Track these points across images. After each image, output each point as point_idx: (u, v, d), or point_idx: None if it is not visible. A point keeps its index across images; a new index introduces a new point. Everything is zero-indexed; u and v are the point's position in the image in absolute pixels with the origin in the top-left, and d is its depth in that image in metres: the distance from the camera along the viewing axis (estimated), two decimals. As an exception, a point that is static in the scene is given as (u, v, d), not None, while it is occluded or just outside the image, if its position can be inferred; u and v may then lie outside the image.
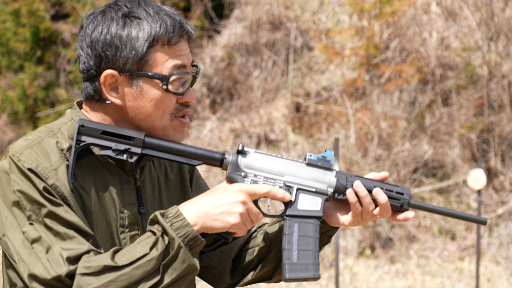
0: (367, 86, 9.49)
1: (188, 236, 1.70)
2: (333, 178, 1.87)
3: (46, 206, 1.71)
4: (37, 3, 10.47)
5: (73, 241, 1.70)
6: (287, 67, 10.23)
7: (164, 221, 1.70)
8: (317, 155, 1.87)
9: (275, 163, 1.84)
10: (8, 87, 10.85)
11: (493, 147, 9.01)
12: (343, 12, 10.53)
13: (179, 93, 1.82)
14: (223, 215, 1.74)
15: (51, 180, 1.73)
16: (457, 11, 10.14)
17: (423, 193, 8.96)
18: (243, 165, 1.83)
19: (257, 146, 9.42)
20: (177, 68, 1.82)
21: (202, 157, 1.84)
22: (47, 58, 10.90)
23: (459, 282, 7.56)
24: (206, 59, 10.48)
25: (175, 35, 1.80)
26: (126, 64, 1.79)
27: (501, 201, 8.78)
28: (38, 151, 1.76)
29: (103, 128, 1.79)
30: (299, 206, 1.85)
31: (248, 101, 9.87)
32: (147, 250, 1.69)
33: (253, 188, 1.79)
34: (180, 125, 1.86)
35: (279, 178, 1.84)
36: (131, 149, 1.79)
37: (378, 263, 8.20)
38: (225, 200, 1.75)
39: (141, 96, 1.81)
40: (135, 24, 1.79)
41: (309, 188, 1.85)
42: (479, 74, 9.45)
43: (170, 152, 1.82)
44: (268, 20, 10.50)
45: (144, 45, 1.78)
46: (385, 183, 1.90)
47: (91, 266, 1.67)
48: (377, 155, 8.91)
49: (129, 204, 1.85)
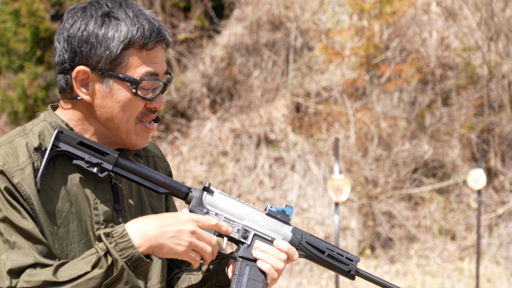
0: (367, 86, 9.49)
1: (132, 257, 1.71)
2: (289, 233, 1.93)
3: (1, 210, 1.72)
4: (37, 3, 10.47)
5: (20, 251, 1.71)
6: (287, 67, 10.23)
7: (107, 242, 1.71)
8: (277, 208, 1.95)
9: (237, 207, 1.90)
10: (8, 87, 10.85)
11: (493, 147, 9.01)
12: (343, 12, 10.52)
13: (148, 98, 1.84)
14: (170, 242, 1.75)
15: (17, 179, 1.74)
16: (457, 11, 10.14)
17: (423, 193, 8.97)
18: (206, 202, 1.87)
19: (257, 146, 9.42)
20: (149, 75, 1.83)
21: (169, 187, 1.87)
22: (47, 58, 10.90)
23: (459, 282, 7.56)
24: (206, 59, 10.48)
25: (152, 40, 1.82)
26: (99, 62, 1.81)
27: (501, 201, 8.78)
28: (7, 150, 1.78)
29: (80, 138, 1.81)
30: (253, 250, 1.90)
31: (248, 101, 9.87)
32: (89, 268, 1.70)
33: (202, 219, 1.80)
34: (144, 130, 1.87)
35: (238, 221, 1.89)
36: (103, 164, 1.82)
37: (378, 263, 8.20)
38: (174, 226, 1.76)
39: (109, 96, 1.82)
40: (113, 24, 1.80)
41: (266, 236, 1.91)
42: (479, 74, 9.45)
43: (140, 176, 1.85)
44: (268, 20, 10.49)
45: (119, 46, 1.80)
46: (337, 248, 1.97)
47: (31, 281, 1.68)
48: (377, 155, 8.91)
49: (104, 201, 1.86)
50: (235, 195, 9.00)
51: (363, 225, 8.58)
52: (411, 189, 8.93)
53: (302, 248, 1.93)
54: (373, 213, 8.59)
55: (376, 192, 8.71)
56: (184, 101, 10.24)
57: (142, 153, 2.03)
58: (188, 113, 10.28)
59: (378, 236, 8.55)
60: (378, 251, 8.41)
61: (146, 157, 2.04)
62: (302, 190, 8.98)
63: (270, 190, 9.01)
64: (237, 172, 9.13)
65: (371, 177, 8.77)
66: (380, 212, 8.64)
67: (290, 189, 9.01)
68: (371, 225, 8.54)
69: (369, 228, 8.53)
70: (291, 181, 9.05)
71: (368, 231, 8.52)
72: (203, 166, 9.27)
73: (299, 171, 9.11)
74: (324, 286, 7.62)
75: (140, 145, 1.88)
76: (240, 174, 9.12)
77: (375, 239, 8.51)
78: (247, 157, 9.26)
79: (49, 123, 1.86)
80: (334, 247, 1.97)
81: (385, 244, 8.52)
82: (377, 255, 8.37)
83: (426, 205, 8.90)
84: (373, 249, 8.47)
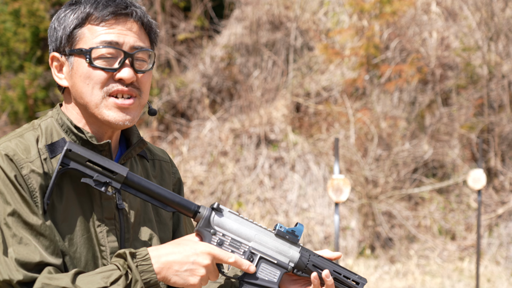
0: (367, 86, 9.49)
1: (150, 281, 1.74)
2: (296, 254, 1.91)
3: (11, 204, 1.73)
4: (37, 3, 10.47)
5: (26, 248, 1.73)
6: (287, 67, 10.23)
7: (131, 261, 1.74)
8: (287, 228, 1.92)
9: (245, 227, 1.88)
10: (8, 87, 10.85)
11: (493, 147, 9.01)
12: (343, 12, 10.52)
13: (107, 68, 1.83)
14: (185, 273, 1.78)
15: (25, 170, 1.76)
16: (457, 11, 10.14)
17: (423, 193, 8.96)
18: (214, 223, 1.86)
19: (257, 146, 9.42)
20: (106, 44, 1.83)
21: (177, 205, 1.87)
22: (47, 58, 10.90)
23: (459, 282, 7.56)
24: (206, 59, 10.48)
25: (108, 12, 1.83)
26: (61, 43, 1.85)
27: (501, 201, 8.78)
28: (17, 142, 1.80)
29: (89, 157, 1.80)
30: (258, 274, 1.89)
31: (248, 101, 9.87)
32: (107, 284, 1.72)
33: (221, 255, 1.82)
34: (114, 105, 1.85)
35: (245, 242, 1.88)
36: (112, 183, 1.81)
37: (378, 263, 8.19)
38: (191, 258, 1.79)
39: (74, 74, 1.85)
40: (74, 7, 1.86)
41: (272, 259, 1.89)
42: (479, 74, 9.44)
43: (148, 194, 1.85)
44: (268, 20, 10.49)
45: (73, 22, 1.83)
46: (344, 269, 1.96)
47: (51, 285, 1.69)
48: (377, 155, 8.91)
49: (106, 199, 1.87)
50: (235, 195, 9.00)
51: (363, 225, 8.58)
52: (411, 189, 8.93)
53: (308, 271, 1.91)
54: (373, 213, 8.59)
55: (376, 192, 8.71)
56: (184, 101, 10.24)
57: (148, 156, 2.03)
58: (188, 113, 10.28)
59: (378, 236, 8.55)
60: (378, 251, 8.41)
61: (152, 161, 2.04)
62: (302, 190, 8.98)
63: (270, 190, 9.01)
64: (237, 172, 9.13)
65: (371, 177, 8.77)
66: (380, 212, 8.64)
67: (290, 189, 9.01)
68: (371, 225, 8.53)
69: (369, 228, 8.53)
70: (291, 181, 9.05)
71: (368, 231, 8.52)
72: (203, 166, 9.27)
73: (299, 171, 9.11)
74: (324, 286, 7.62)
75: (116, 121, 1.85)
76: (240, 174, 9.12)
77: (375, 239, 8.51)
78: (247, 157, 9.26)
79: (55, 120, 1.88)
80: (342, 268, 1.96)
81: (385, 244, 8.52)
82: (377, 255, 8.37)
83: (426, 205, 8.90)
84: (373, 249, 8.47)
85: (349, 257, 8.30)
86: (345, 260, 8.18)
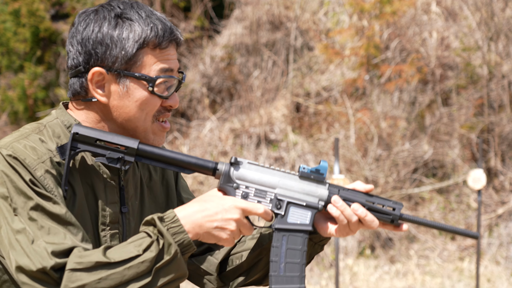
0: (367, 86, 9.49)
1: (183, 242, 1.72)
2: (325, 191, 1.88)
3: (33, 198, 1.72)
4: (37, 3, 10.47)
5: (56, 236, 1.70)
6: (287, 67, 10.23)
7: (161, 225, 1.71)
8: (310, 167, 1.89)
9: (267, 175, 1.86)
10: (8, 87, 10.85)
11: (493, 147, 9.01)
12: (343, 12, 10.52)
13: (164, 96, 1.85)
14: (216, 230, 1.77)
15: (39, 172, 1.75)
16: (457, 11, 10.14)
17: (423, 193, 8.96)
18: (235, 177, 1.85)
19: (257, 146, 9.42)
20: (164, 72, 1.84)
21: (195, 166, 1.85)
22: (47, 58, 10.90)
23: (459, 282, 7.56)
24: (206, 59, 10.48)
25: (165, 40, 1.84)
26: (115, 63, 1.81)
27: (501, 201, 8.78)
28: (25, 144, 1.78)
29: (97, 136, 1.80)
30: (288, 219, 1.87)
31: (248, 101, 9.87)
32: (140, 251, 1.70)
33: (249, 207, 1.80)
34: (161, 129, 1.88)
35: (270, 190, 1.86)
36: (125, 157, 1.81)
37: (378, 263, 8.19)
38: (220, 215, 1.77)
39: (126, 96, 1.83)
40: (127, 25, 1.82)
41: (300, 202, 1.87)
42: (479, 74, 9.44)
43: (163, 160, 1.84)
44: (268, 20, 10.49)
45: (134, 46, 1.81)
46: (377, 197, 1.93)
47: (83, 262, 1.67)
48: (377, 155, 8.91)
49: (111, 202, 1.87)
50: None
51: (363, 225, 8.58)
52: (411, 189, 8.93)
53: None
54: (373, 213, 8.59)
55: (376, 192, 8.71)
56: (184, 101, 10.24)
57: None
58: (188, 113, 10.28)
59: (378, 236, 8.55)
60: (378, 251, 8.41)
61: None
62: (302, 190, 8.97)
63: (270, 190, 9.00)
64: (237, 172, 9.12)
65: (371, 177, 8.77)
66: (380, 212, 8.64)
67: (290, 189, 9.00)
68: (371, 225, 8.54)
69: (369, 228, 8.53)
70: (291, 181, 9.04)
71: (368, 231, 8.52)
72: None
73: (299, 171, 9.11)
74: (324, 286, 7.62)
75: (157, 145, 1.88)
76: (240, 174, 9.11)
77: (375, 239, 8.51)
78: (247, 157, 9.26)
79: (61, 122, 1.87)
80: (375, 197, 1.92)
81: (385, 244, 8.52)
82: (377, 255, 8.37)
83: (426, 205, 8.90)
84: (373, 249, 8.47)
85: (349, 257, 8.30)
86: (345, 260, 8.18)
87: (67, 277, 1.66)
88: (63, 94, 10.40)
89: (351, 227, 1.89)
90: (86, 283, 1.66)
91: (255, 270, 2.05)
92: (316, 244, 2.00)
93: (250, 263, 2.05)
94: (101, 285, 1.66)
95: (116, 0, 1.87)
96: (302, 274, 1.87)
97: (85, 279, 1.66)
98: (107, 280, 1.67)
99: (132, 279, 1.68)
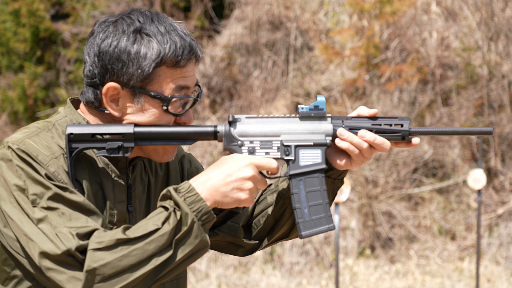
0: (367, 86, 9.49)
1: (201, 211, 1.70)
2: (329, 126, 1.86)
3: (51, 188, 1.72)
4: (37, 3, 10.47)
5: (78, 220, 1.70)
6: (287, 67, 10.23)
7: (177, 196, 1.70)
8: (308, 106, 1.86)
9: (268, 125, 1.85)
10: (8, 87, 10.85)
11: (493, 147, 9.01)
12: (343, 12, 10.52)
13: (178, 114, 1.85)
14: (233, 192, 1.75)
15: (52, 167, 1.75)
16: (457, 11, 10.14)
17: (423, 193, 8.96)
18: (237, 134, 1.84)
19: (257, 146, 9.42)
20: (179, 89, 1.83)
21: (195, 135, 1.85)
22: (47, 58, 10.90)
23: (459, 282, 7.56)
24: (206, 59, 10.48)
25: (183, 58, 1.82)
26: (131, 80, 1.81)
27: (501, 201, 8.78)
28: (37, 141, 1.78)
29: (92, 131, 1.80)
30: (300, 162, 1.85)
31: (248, 101, 9.87)
32: (159, 225, 1.69)
33: (262, 161, 1.80)
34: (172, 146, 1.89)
35: (275, 139, 1.85)
36: (124, 144, 1.81)
37: (378, 263, 8.19)
38: (234, 175, 1.76)
39: (140, 112, 1.83)
40: (145, 41, 1.80)
41: (307, 142, 1.85)
42: (479, 74, 9.44)
43: (162, 137, 1.83)
44: (268, 20, 10.49)
45: (151, 65, 1.79)
46: (382, 118, 1.89)
47: (103, 241, 1.67)
48: (377, 155, 8.91)
49: (119, 201, 1.87)
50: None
51: (363, 225, 8.58)
52: (411, 189, 8.93)
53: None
54: (373, 213, 8.59)
55: (376, 192, 8.71)
56: (184, 101, 10.24)
57: None
58: (188, 113, 10.29)
59: (378, 236, 8.55)
60: (378, 251, 8.41)
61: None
62: (302, 190, 8.97)
63: (270, 190, 9.01)
64: (237, 172, 9.13)
65: (371, 177, 8.77)
66: (380, 212, 8.65)
67: (290, 189, 9.01)
68: (371, 225, 8.53)
69: (369, 228, 8.53)
70: (291, 181, 9.05)
71: (368, 231, 8.52)
72: (203, 166, 9.27)
73: (299, 171, 9.11)
74: (324, 286, 7.62)
75: (166, 160, 1.89)
76: (240, 174, 9.12)
77: (375, 239, 8.51)
78: (247, 157, 9.26)
79: (70, 120, 1.87)
80: (380, 118, 1.88)
81: (385, 244, 8.52)
82: (377, 255, 8.37)
83: (426, 205, 8.90)
84: (373, 249, 8.47)
85: (349, 257, 8.30)
86: (345, 260, 8.18)
87: (90, 257, 1.66)
88: (63, 94, 10.40)
89: (364, 154, 1.87)
90: (108, 261, 1.65)
91: (282, 222, 2.03)
92: (336, 180, 1.99)
93: (277, 216, 2.04)
94: (123, 262, 1.66)
95: (137, 12, 1.85)
96: (328, 214, 1.85)
97: (107, 258, 1.66)
98: (129, 257, 1.66)
99: (154, 254, 1.67)
